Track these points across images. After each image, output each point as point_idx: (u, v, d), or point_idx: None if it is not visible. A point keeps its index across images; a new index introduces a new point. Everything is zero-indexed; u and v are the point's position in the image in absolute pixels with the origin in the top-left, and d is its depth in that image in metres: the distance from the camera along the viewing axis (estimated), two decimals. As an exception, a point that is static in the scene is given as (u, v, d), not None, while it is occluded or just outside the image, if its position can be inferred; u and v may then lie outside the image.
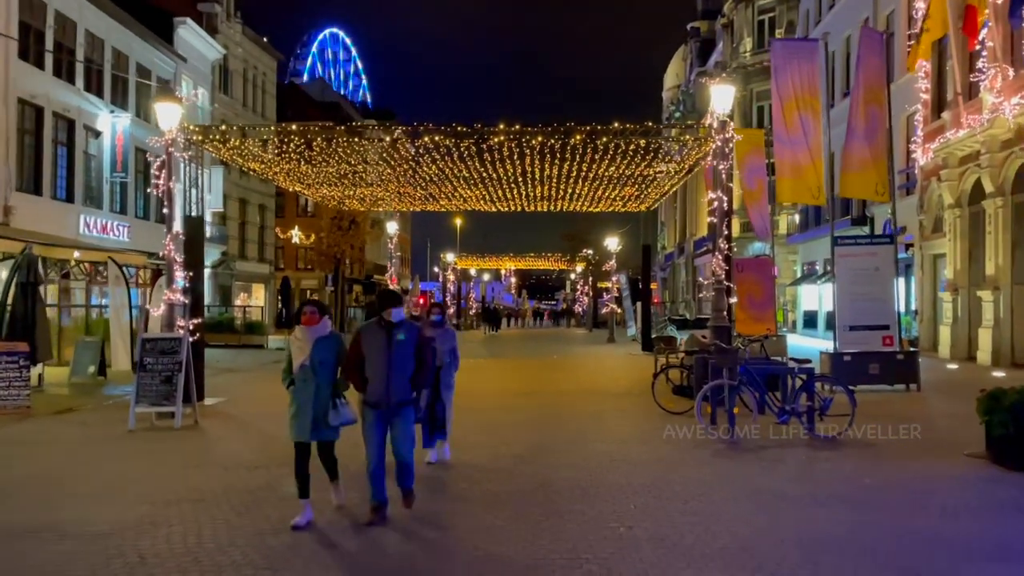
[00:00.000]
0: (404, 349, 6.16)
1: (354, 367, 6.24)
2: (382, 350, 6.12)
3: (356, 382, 6.27)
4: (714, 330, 13.12)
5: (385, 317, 6.20)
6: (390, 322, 6.18)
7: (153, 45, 29.97)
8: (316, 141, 15.28)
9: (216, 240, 36.28)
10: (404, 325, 6.26)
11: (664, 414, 11.80)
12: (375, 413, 6.20)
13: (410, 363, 6.22)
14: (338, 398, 6.24)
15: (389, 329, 6.17)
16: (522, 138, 15.12)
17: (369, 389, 6.20)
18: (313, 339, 6.23)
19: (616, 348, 29.45)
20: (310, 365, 6.19)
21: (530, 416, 12.07)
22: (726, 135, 13.09)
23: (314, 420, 6.17)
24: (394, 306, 6.21)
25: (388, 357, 6.10)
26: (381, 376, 6.12)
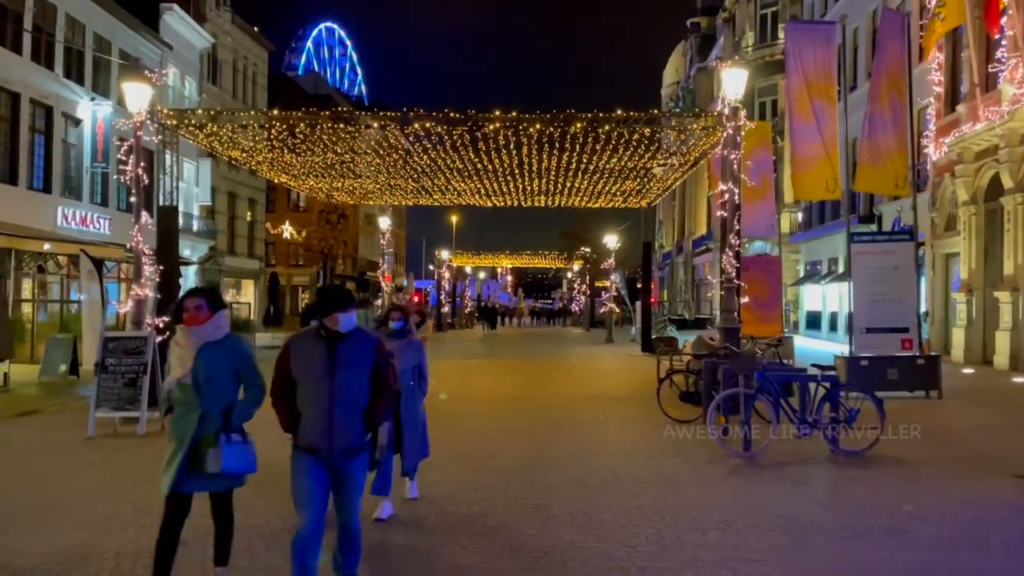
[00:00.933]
0: (356, 371, 4.31)
1: (280, 396, 4.37)
2: (322, 373, 4.24)
3: (283, 418, 4.37)
4: (724, 332, 12.22)
5: (328, 325, 4.27)
6: (335, 332, 4.28)
7: (137, 31, 28.93)
8: (299, 127, 14.31)
9: (204, 235, 35.30)
10: (357, 336, 4.35)
11: (670, 423, 10.88)
12: (310, 460, 4.29)
13: (364, 391, 4.36)
14: (228, 432, 4.41)
15: (333, 342, 4.28)
16: (519, 126, 14.21)
17: (302, 428, 4.30)
18: (198, 345, 4.39)
19: (615, 348, 28.55)
20: (193, 383, 4.37)
21: (525, 424, 11.15)
22: (738, 122, 12.18)
23: (194, 462, 4.38)
24: (342, 309, 4.26)
25: (331, 383, 4.23)
26: (320, 411, 4.24)
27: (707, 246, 51.27)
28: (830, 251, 31.58)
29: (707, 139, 14.88)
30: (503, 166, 17.85)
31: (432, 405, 13.32)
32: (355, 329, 4.37)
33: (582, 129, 14.27)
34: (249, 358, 4.59)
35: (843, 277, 29.86)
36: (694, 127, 14.04)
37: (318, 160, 17.23)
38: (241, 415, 4.53)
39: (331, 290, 4.55)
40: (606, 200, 23.35)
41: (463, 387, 15.84)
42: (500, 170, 18.31)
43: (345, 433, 4.31)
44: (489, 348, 30.22)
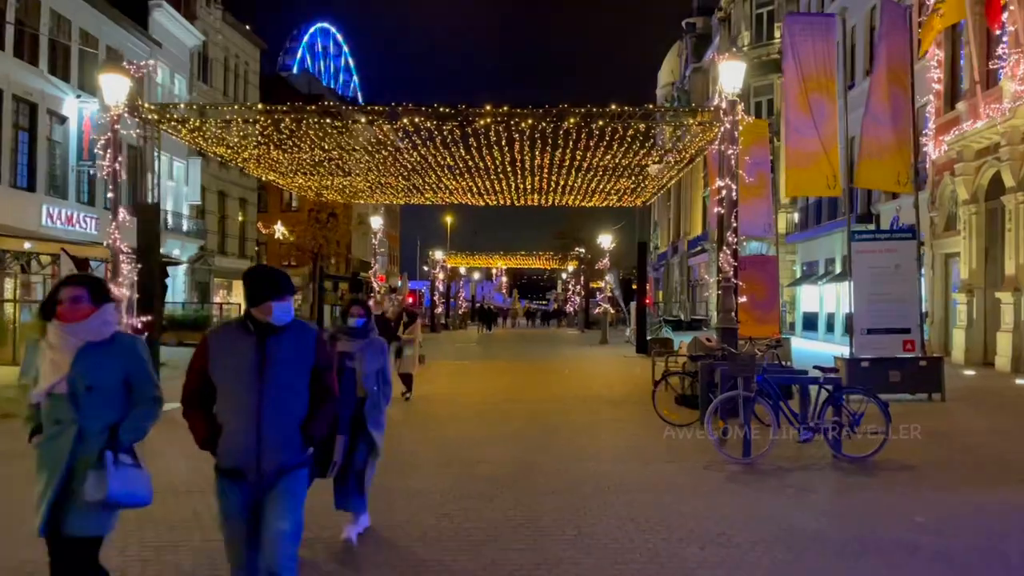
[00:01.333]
0: (292, 373, 3.55)
1: (194, 403, 3.60)
2: (249, 374, 3.47)
3: (197, 431, 3.59)
4: (721, 333, 11.85)
5: (258, 316, 3.53)
6: (267, 325, 3.53)
7: (125, 28, 28.49)
8: (285, 122, 13.90)
9: (193, 234, 34.86)
10: (293, 330, 3.60)
11: (666, 427, 10.51)
12: (236, 489, 3.52)
13: (301, 398, 3.60)
14: (116, 451, 3.49)
15: (263, 337, 3.52)
16: (510, 121, 13.81)
17: (224, 445, 3.53)
18: (76, 346, 3.48)
19: (609, 350, 28.18)
20: (68, 394, 3.46)
21: (516, 427, 10.75)
22: (735, 116, 11.81)
23: (70, 495, 3.46)
24: (276, 296, 3.50)
25: (260, 387, 3.47)
26: (246, 421, 3.47)
27: (703, 246, 50.95)
28: (827, 251, 31.27)
29: (703, 135, 14.52)
30: (495, 164, 17.46)
31: (417, 408, 13.02)
32: (292, 322, 3.61)
33: (575, 125, 13.89)
34: (144, 363, 3.64)
35: (840, 277, 29.59)
36: (690, 123, 13.66)
37: (306, 157, 16.82)
38: (132, 432, 3.57)
39: (263, 273, 3.67)
40: (600, 199, 22.97)
41: (454, 389, 15.44)
42: (492, 168, 17.92)
43: (277, 449, 3.51)
44: (482, 349, 29.82)
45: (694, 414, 10.74)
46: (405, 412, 12.21)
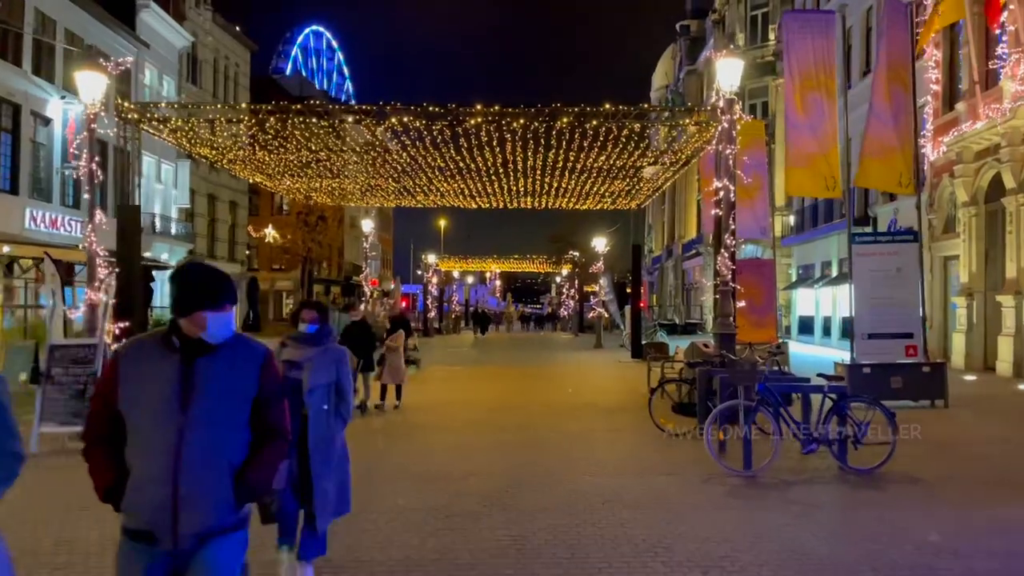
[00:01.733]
0: (227, 404, 2.74)
1: (98, 440, 2.80)
2: (168, 405, 2.67)
3: (97, 476, 2.78)
4: (719, 338, 11.49)
5: (186, 329, 2.74)
6: (197, 342, 2.74)
7: (111, 28, 28.02)
8: (270, 122, 13.50)
9: (182, 237, 34.38)
10: (232, 349, 2.80)
11: (663, 436, 10.14)
12: (143, 557, 2.69)
13: (237, 436, 2.77)
14: None
15: (191, 357, 2.73)
16: (502, 120, 13.45)
17: (130, 496, 2.70)
18: None
19: (604, 354, 27.79)
20: None
21: (507, 437, 10.36)
22: (733, 115, 11.46)
23: None
24: (211, 305, 2.72)
25: (182, 422, 2.66)
26: (160, 467, 2.65)
27: (697, 250, 50.68)
28: (823, 254, 30.99)
29: (700, 136, 14.17)
30: (487, 165, 17.09)
31: (406, 417, 12.63)
32: (232, 337, 2.80)
33: (568, 124, 13.53)
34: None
35: (837, 281, 29.34)
36: (686, 123, 13.31)
37: (292, 158, 16.42)
38: None
39: (196, 273, 2.81)
40: (594, 201, 22.62)
41: (445, 396, 15.04)
42: (484, 169, 17.55)
43: (200, 506, 2.65)
44: (476, 354, 29.41)
45: (691, 422, 10.37)
46: (392, 422, 11.81)
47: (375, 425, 11.43)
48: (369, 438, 10.49)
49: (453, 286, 64.86)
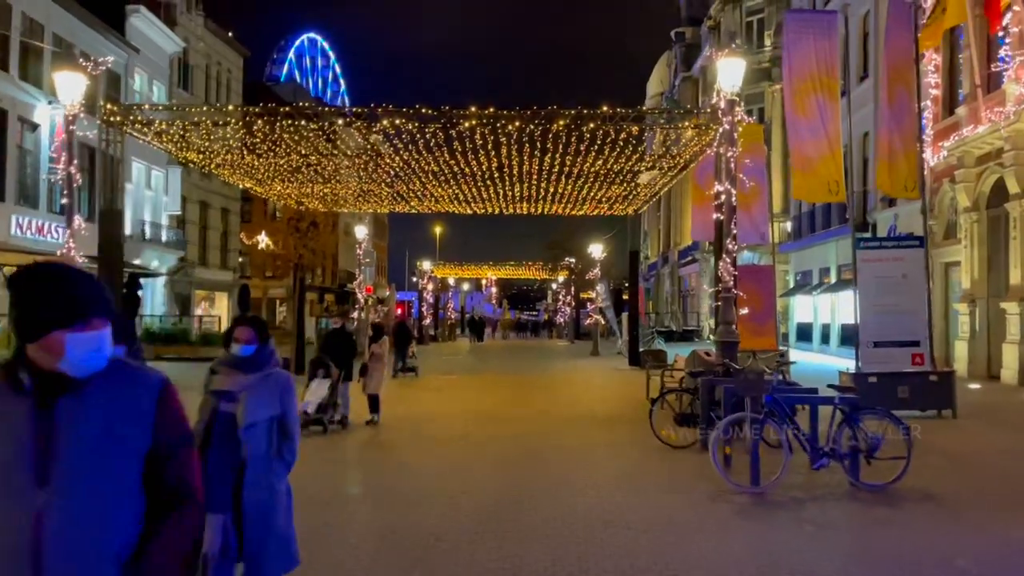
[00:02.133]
0: (104, 464, 1.89)
1: None
2: (15, 471, 1.84)
3: None
4: (722, 346, 11.11)
5: (38, 359, 1.89)
6: (55, 377, 1.90)
7: (100, 33, 27.63)
8: (257, 124, 13.11)
9: (173, 245, 33.92)
10: (113, 384, 1.95)
11: (665, 449, 9.76)
12: None
13: (125, 507, 1.92)
14: None
15: (49, 398, 1.89)
16: (496, 123, 13.09)
17: None
18: None
19: (601, 362, 27.42)
20: None
21: (502, 452, 9.95)
22: (735, 117, 11.12)
23: None
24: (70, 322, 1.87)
25: (40, 496, 1.83)
26: (10, 558, 1.81)
27: (693, 256, 50.40)
28: (821, 260, 30.69)
29: (699, 139, 13.83)
30: (481, 170, 16.73)
31: (397, 431, 12.22)
32: (108, 367, 1.96)
33: (565, 128, 13.18)
34: None
35: (836, 287, 29.05)
36: (685, 125, 12.96)
37: (282, 163, 16.02)
38: None
39: (40, 277, 1.90)
40: (591, 207, 22.26)
41: (437, 407, 14.62)
42: (479, 174, 17.18)
43: None
44: (470, 362, 28.99)
45: (694, 434, 9.99)
46: (380, 436, 11.40)
47: (360, 439, 11.00)
48: (353, 454, 10.09)
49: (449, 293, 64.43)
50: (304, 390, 10.66)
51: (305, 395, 10.62)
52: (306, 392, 10.72)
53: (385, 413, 13.76)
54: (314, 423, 10.75)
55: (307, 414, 10.43)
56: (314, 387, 10.93)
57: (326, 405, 10.88)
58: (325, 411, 10.88)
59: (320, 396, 10.82)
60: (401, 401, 15.88)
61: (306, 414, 10.34)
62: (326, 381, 10.95)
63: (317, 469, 8.19)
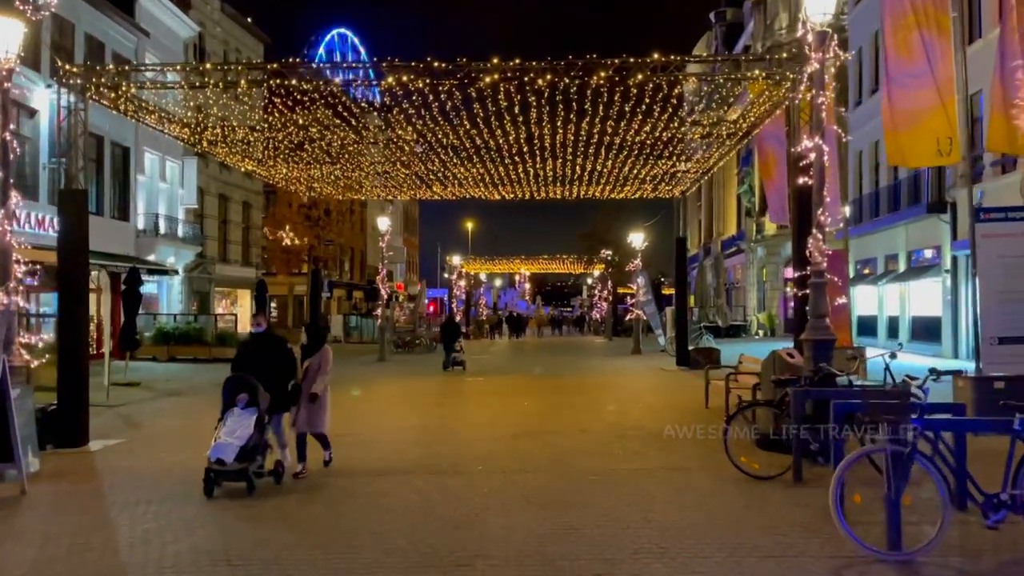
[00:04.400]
0: None
1: None
2: None
3: None
4: (813, 346, 8.73)
5: None
6: None
7: (107, 14, 26.01)
8: (241, 86, 11.05)
9: (190, 240, 32.30)
10: None
11: (744, 481, 7.48)
12: None
13: None
14: None
15: None
16: (524, 78, 10.84)
17: None
18: None
19: (644, 361, 25.02)
20: None
21: (532, 483, 7.74)
22: (827, 54, 8.74)
23: None
24: None
25: None
26: None
27: (738, 246, 47.62)
28: (888, 247, 27.88)
29: (770, 93, 11.42)
30: (508, 142, 14.51)
31: (405, 448, 9.29)
32: None
33: (607, 81, 10.87)
34: None
35: (905, 276, 26.28)
36: (755, 74, 10.56)
37: (280, 137, 13.99)
38: None
39: None
40: (633, 188, 19.90)
41: (455, 420, 12.47)
42: (505, 148, 14.98)
43: None
44: (500, 362, 26.82)
45: (784, 462, 7.67)
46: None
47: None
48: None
49: (480, 289, 62.47)
50: (217, 427, 7.43)
51: (217, 435, 7.31)
52: (218, 430, 7.35)
53: (395, 426, 11.64)
54: (233, 477, 7.19)
55: (221, 464, 7.07)
56: (231, 422, 7.34)
57: (253, 449, 7.24)
58: (251, 458, 7.23)
59: (244, 436, 7.19)
60: (416, 409, 13.77)
61: (220, 464, 7.08)
62: (251, 413, 7.41)
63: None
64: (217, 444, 7.19)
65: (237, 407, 7.47)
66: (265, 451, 7.57)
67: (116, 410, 13.73)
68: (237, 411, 7.45)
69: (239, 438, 7.18)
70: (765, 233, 42.46)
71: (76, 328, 10.70)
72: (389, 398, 16.11)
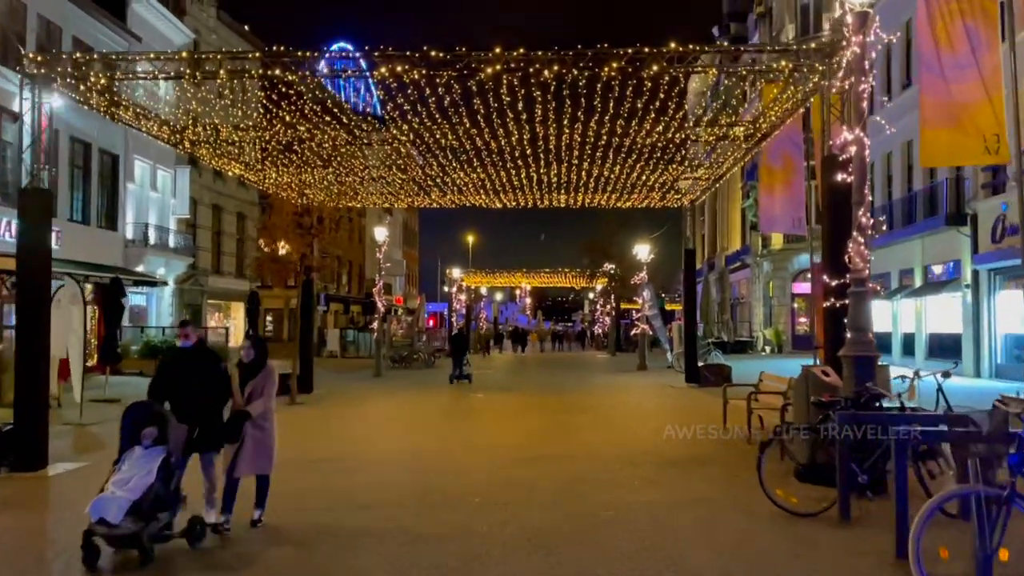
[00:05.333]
0: None
1: None
2: None
3: None
4: (854, 364, 7.75)
5: None
6: None
7: (96, 17, 25.21)
8: (221, 76, 10.15)
9: (181, 251, 31.39)
10: None
11: (782, 518, 6.49)
12: None
13: None
14: None
15: None
16: (529, 69, 9.94)
17: None
18: None
19: (651, 377, 23.98)
20: None
21: (538, 520, 6.73)
22: (867, 37, 7.84)
23: None
24: None
25: None
26: None
27: (743, 261, 46.66)
28: (903, 261, 26.92)
29: (794, 91, 10.51)
30: (510, 144, 13.60)
31: (394, 477, 8.02)
32: None
33: (619, 73, 9.96)
34: None
35: (922, 291, 25.32)
36: (782, 65, 9.65)
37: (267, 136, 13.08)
38: None
39: None
40: (640, 197, 18.98)
41: (450, 442, 11.45)
42: (507, 150, 14.07)
43: None
44: (501, 377, 25.79)
45: (825, 495, 6.68)
46: (362, 488, 8.22)
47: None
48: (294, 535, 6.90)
49: (481, 304, 61.48)
50: (111, 471, 5.73)
51: (109, 482, 5.60)
52: (112, 475, 5.66)
53: (385, 449, 10.62)
54: (123, 543, 5.46)
55: (105, 525, 5.30)
56: (127, 467, 5.66)
57: (153, 503, 5.51)
58: (150, 516, 5.46)
59: (139, 487, 5.47)
60: (410, 430, 12.76)
61: (104, 525, 5.31)
62: (155, 454, 5.70)
63: None
64: (99, 498, 5.41)
65: (141, 445, 5.75)
66: (176, 505, 5.81)
67: (89, 428, 12.73)
68: (138, 451, 5.72)
69: (132, 489, 5.43)
70: (771, 247, 41.58)
71: (34, 341, 9.72)
72: (382, 417, 15.11)
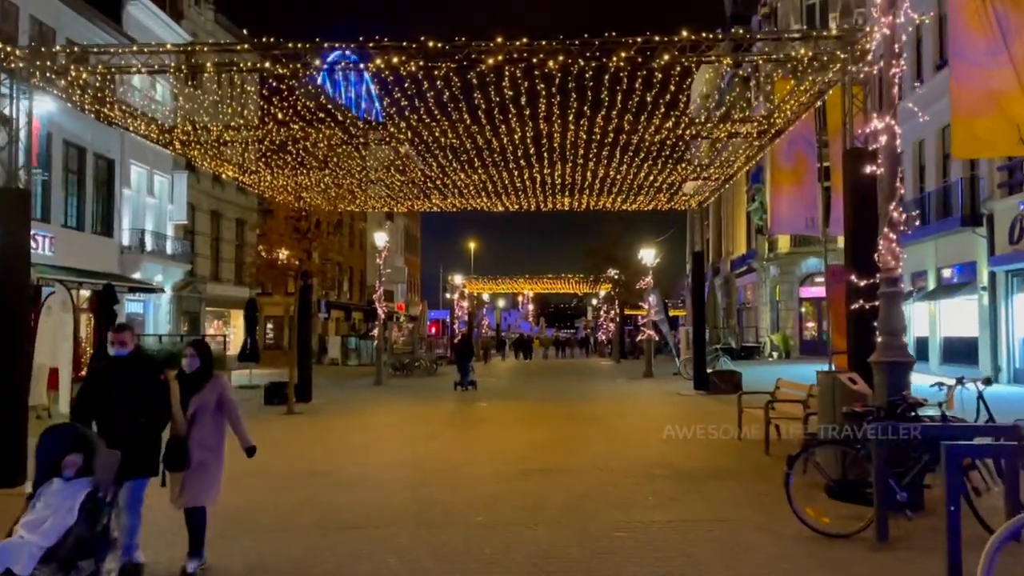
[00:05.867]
0: None
1: None
2: None
3: None
4: (887, 371, 7.17)
5: None
6: None
7: (90, 20, 24.77)
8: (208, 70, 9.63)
9: (179, 257, 30.91)
10: None
11: (814, 540, 5.94)
12: None
13: None
14: None
15: None
16: (532, 59, 9.41)
17: None
18: None
19: (658, 385, 23.38)
20: None
21: (545, 541, 6.16)
22: (897, 19, 7.30)
23: None
24: None
25: None
26: None
27: (750, 265, 46.05)
28: (915, 264, 26.27)
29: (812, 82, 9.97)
30: (512, 142, 13.07)
31: (386, 498, 7.19)
32: None
33: (628, 63, 9.43)
34: None
35: (935, 294, 24.72)
36: (801, 53, 9.12)
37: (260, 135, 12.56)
38: None
39: None
40: (647, 198, 18.43)
41: (455, 452, 10.88)
42: (509, 149, 13.54)
43: None
44: (505, 386, 25.22)
45: (859, 514, 6.11)
46: (357, 506, 7.65)
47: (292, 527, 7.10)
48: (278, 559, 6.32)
49: (483, 310, 60.93)
50: (23, 508, 4.58)
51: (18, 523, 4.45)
52: (23, 514, 4.51)
53: (384, 462, 10.05)
54: None
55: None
56: (42, 504, 4.51)
57: (75, 548, 4.39)
58: (69, 565, 4.34)
59: (56, 530, 4.36)
60: (410, 441, 12.19)
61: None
62: (78, 488, 4.58)
63: None
64: (5, 544, 4.27)
65: (61, 478, 4.60)
66: (105, 548, 4.59)
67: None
68: (56, 484, 4.58)
69: (46, 533, 4.30)
70: (778, 251, 41.00)
71: (11, 350, 9.20)
72: (381, 427, 14.54)
